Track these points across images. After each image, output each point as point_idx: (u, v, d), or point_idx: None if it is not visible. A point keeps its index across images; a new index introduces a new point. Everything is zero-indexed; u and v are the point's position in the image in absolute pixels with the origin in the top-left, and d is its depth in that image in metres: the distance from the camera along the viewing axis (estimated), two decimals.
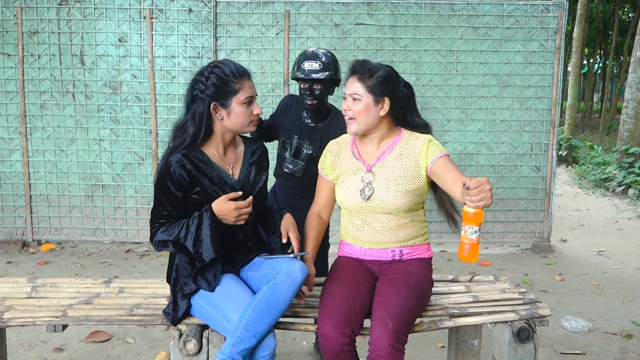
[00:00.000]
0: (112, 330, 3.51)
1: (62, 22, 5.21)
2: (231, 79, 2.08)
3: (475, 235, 1.89)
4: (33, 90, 5.28)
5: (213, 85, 2.07)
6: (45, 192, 5.41)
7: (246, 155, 2.28)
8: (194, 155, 2.11)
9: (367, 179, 2.23)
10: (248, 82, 2.12)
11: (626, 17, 24.06)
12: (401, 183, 2.20)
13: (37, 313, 2.26)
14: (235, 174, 2.22)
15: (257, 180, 2.27)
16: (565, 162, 12.05)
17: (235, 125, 2.13)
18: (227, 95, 2.08)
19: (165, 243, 2.08)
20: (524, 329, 2.21)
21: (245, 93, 2.10)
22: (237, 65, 2.13)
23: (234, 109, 2.10)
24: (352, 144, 2.34)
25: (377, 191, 2.20)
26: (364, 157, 2.29)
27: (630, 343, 3.47)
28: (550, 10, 5.27)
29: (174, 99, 5.29)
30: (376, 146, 2.28)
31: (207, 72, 2.09)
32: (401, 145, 2.25)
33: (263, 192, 2.31)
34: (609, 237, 6.16)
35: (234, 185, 2.18)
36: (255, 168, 2.27)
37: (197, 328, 2.15)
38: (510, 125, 5.39)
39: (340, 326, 1.97)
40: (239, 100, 2.09)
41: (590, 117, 24.73)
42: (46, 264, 4.93)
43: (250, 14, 5.24)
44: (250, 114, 2.13)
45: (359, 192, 2.22)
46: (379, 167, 2.24)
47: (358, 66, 2.20)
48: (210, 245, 2.02)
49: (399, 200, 2.19)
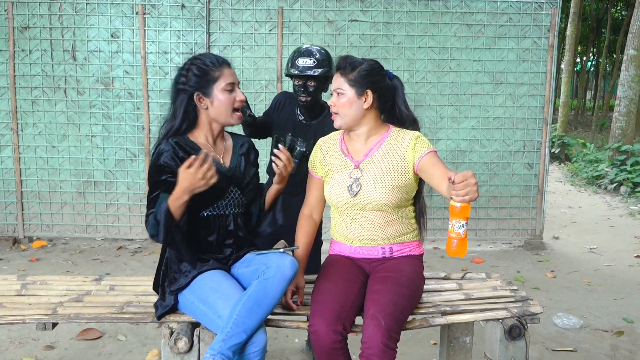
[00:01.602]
0: (103, 327, 3.49)
1: (53, 17, 5.17)
2: (211, 68, 2.15)
3: (462, 229, 1.88)
4: (24, 86, 5.24)
5: (194, 75, 2.14)
6: (37, 188, 5.38)
7: (235, 147, 2.33)
8: (184, 143, 2.15)
9: (354, 175, 2.23)
10: (228, 70, 2.18)
11: (619, 15, 24.14)
12: (388, 179, 2.20)
13: (27, 311, 2.24)
14: (226, 163, 2.25)
15: (247, 170, 2.31)
16: (557, 160, 12.09)
17: (219, 113, 2.17)
18: (208, 83, 2.14)
19: (155, 227, 2.02)
20: (515, 326, 2.22)
21: (225, 79, 2.15)
22: (216, 55, 2.21)
23: (216, 96, 2.15)
24: (340, 141, 2.35)
25: (364, 187, 2.20)
26: (352, 154, 2.29)
27: (621, 340, 3.49)
28: (543, 8, 5.27)
29: (167, 95, 5.24)
30: (364, 142, 2.28)
31: (188, 64, 2.17)
32: (389, 142, 2.26)
33: (254, 182, 2.35)
34: (601, 235, 6.19)
35: (225, 173, 2.20)
36: (245, 159, 2.32)
37: (188, 326, 2.14)
38: (503, 122, 5.40)
39: (332, 323, 1.97)
40: (220, 88, 2.14)
41: (583, 115, 24.84)
42: (37, 261, 4.90)
43: (243, 10, 5.22)
44: (234, 100, 2.18)
45: (346, 189, 2.23)
46: (366, 163, 2.24)
47: (341, 61, 2.24)
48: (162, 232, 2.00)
49: (386, 196, 2.19)
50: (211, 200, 2.18)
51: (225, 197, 2.21)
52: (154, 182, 2.09)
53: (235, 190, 2.24)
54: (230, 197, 2.23)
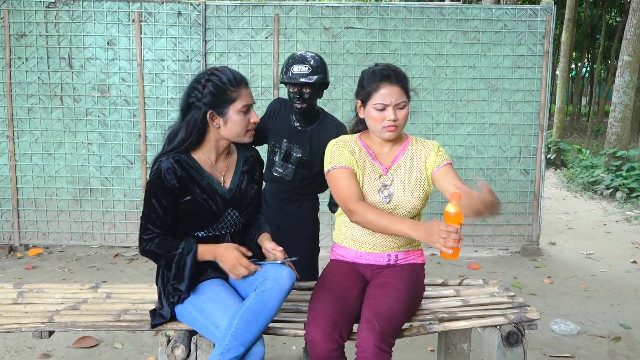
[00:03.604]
0: (100, 335, 3.47)
1: (50, 25, 5.18)
2: (228, 88, 2.05)
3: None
4: (20, 94, 5.24)
5: (210, 93, 2.04)
6: (33, 196, 5.36)
7: (239, 163, 2.25)
8: (184, 162, 2.08)
9: (384, 180, 2.25)
10: (245, 90, 2.09)
11: (613, 22, 24.31)
12: (416, 185, 2.25)
13: (23, 319, 2.23)
14: (227, 183, 2.19)
15: (248, 189, 2.24)
16: (553, 166, 12.12)
17: (231, 134, 2.11)
18: (224, 104, 2.05)
19: (156, 256, 2.06)
20: (512, 332, 2.22)
21: (242, 101, 2.08)
22: (234, 73, 2.09)
23: (230, 117, 2.07)
24: (364, 146, 2.30)
25: (395, 193, 2.23)
26: (380, 159, 2.29)
27: (619, 346, 3.49)
28: (538, 15, 5.30)
29: (163, 103, 5.27)
30: (389, 148, 2.30)
31: (204, 79, 2.06)
32: (411, 149, 2.30)
33: (254, 202, 2.28)
34: (597, 240, 6.20)
35: (224, 195, 2.15)
36: (247, 177, 2.25)
37: (185, 334, 2.13)
38: (499, 129, 5.42)
39: (328, 331, 1.96)
40: (236, 109, 2.07)
41: (579, 121, 24.93)
42: (34, 269, 4.88)
43: (239, 17, 5.23)
44: (248, 122, 2.11)
45: (378, 194, 2.23)
46: (394, 169, 2.27)
47: (393, 73, 2.20)
48: (186, 283, 2.06)
49: (416, 201, 2.23)
50: (206, 224, 2.15)
51: (222, 220, 2.16)
52: (150, 205, 2.06)
53: (233, 212, 2.18)
54: (227, 219, 2.18)
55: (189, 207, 2.09)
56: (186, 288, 2.06)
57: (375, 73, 2.20)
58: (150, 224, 2.06)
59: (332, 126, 2.94)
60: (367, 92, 2.20)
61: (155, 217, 2.06)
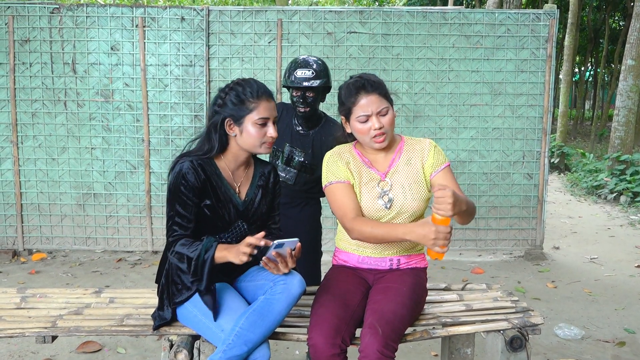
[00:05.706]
0: (103, 340, 3.47)
1: (54, 30, 5.20)
2: (248, 98, 2.08)
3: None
4: (24, 99, 5.26)
5: (230, 102, 2.09)
6: (37, 200, 5.37)
7: (255, 176, 2.26)
8: (207, 165, 2.11)
9: (383, 187, 2.24)
10: (265, 104, 2.10)
11: (617, 26, 24.30)
12: (415, 187, 2.24)
13: (26, 324, 2.24)
14: (242, 194, 2.20)
15: (261, 205, 2.24)
16: (557, 170, 12.10)
17: (247, 144, 2.12)
18: (241, 113, 2.08)
19: (180, 257, 2.03)
20: (516, 337, 2.21)
21: (259, 114, 2.08)
22: (259, 85, 2.12)
23: (246, 127, 2.09)
24: (358, 154, 2.31)
25: (396, 198, 2.22)
26: (376, 166, 2.29)
27: (623, 350, 3.48)
28: (541, 19, 5.30)
29: (166, 107, 5.28)
30: (385, 154, 2.29)
31: (228, 88, 2.12)
32: (407, 150, 2.29)
33: (264, 218, 2.27)
34: (601, 245, 6.18)
35: (238, 205, 2.16)
36: (262, 192, 2.25)
37: (188, 338, 2.13)
38: (503, 133, 5.41)
39: (331, 336, 1.96)
40: (252, 120, 2.08)
41: (582, 125, 24.91)
42: (37, 274, 4.89)
43: (242, 22, 5.24)
44: (263, 135, 2.11)
45: (378, 201, 2.23)
46: (392, 174, 2.26)
47: (368, 83, 2.19)
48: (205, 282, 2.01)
49: (417, 203, 2.23)
50: (214, 230, 2.15)
51: (230, 230, 2.17)
52: (174, 206, 2.05)
53: (242, 224, 2.19)
54: (235, 230, 2.18)
55: (204, 212, 2.09)
56: (205, 286, 2.01)
57: (349, 87, 2.22)
58: (175, 225, 2.06)
59: (335, 130, 2.93)
60: (347, 107, 2.22)
61: (179, 217, 2.05)
